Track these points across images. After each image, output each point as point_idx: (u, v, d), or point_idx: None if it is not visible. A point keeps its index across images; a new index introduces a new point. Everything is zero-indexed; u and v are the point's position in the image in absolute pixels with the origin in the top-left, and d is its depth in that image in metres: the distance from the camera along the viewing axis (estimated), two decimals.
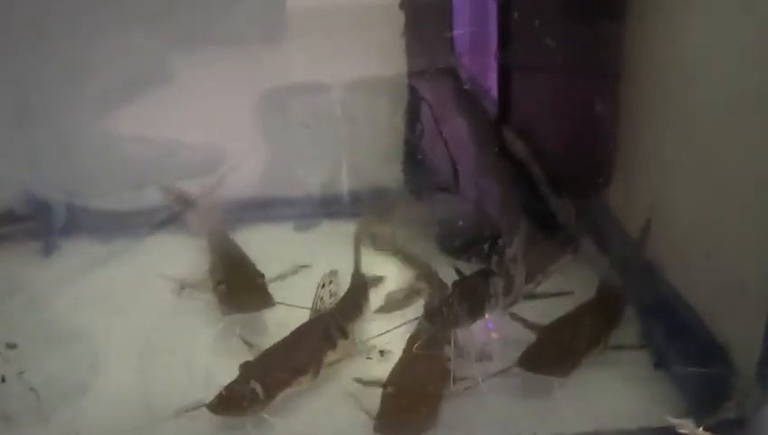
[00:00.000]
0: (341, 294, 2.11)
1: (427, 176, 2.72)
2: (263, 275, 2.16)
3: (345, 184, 2.79)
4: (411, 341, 1.88)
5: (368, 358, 1.93)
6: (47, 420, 1.76)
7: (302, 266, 2.35)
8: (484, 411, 1.75)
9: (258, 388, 1.65)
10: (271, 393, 1.67)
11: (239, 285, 2.09)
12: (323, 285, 2.00)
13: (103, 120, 2.64)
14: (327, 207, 2.77)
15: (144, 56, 2.59)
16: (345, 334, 1.91)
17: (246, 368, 1.72)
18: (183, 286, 2.23)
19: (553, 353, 1.80)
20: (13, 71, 2.54)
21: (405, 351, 1.86)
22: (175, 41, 2.51)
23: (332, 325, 1.91)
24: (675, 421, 1.58)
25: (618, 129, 2.30)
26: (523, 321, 1.96)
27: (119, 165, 2.68)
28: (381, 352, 1.93)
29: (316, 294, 1.99)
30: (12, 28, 2.45)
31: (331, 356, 1.85)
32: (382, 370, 1.81)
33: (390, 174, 2.79)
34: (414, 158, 2.73)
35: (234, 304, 2.00)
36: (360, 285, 2.19)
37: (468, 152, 2.79)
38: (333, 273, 2.09)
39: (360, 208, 2.72)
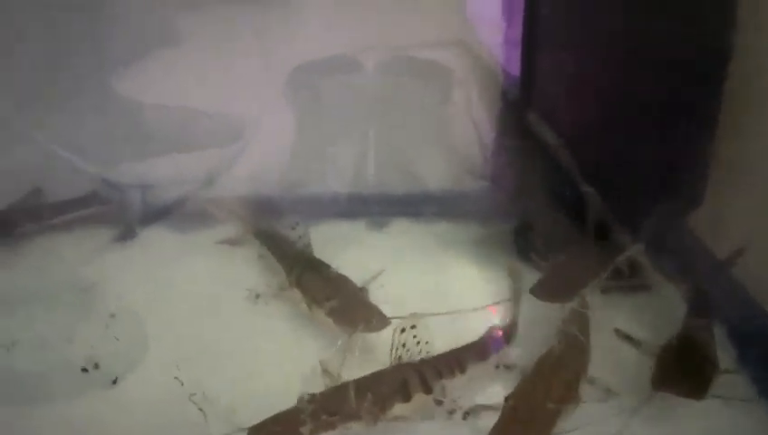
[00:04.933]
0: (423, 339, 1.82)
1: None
2: (365, 289, 2.04)
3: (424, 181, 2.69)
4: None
5: (450, 413, 1.71)
6: None
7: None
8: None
9: (305, 428, 1.56)
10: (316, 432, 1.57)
11: (352, 301, 1.96)
12: (403, 330, 1.75)
13: (122, 87, 2.56)
14: (400, 206, 2.66)
15: (165, 20, 2.52)
16: (428, 390, 1.70)
17: (301, 402, 1.61)
18: (258, 295, 2.17)
19: (689, 375, 1.71)
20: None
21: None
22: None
23: (415, 376, 1.70)
24: None
25: (710, 133, 2.09)
26: (629, 338, 1.90)
27: (137, 133, 2.62)
28: (466, 415, 1.71)
29: (394, 340, 1.75)
30: None
31: (399, 409, 1.66)
32: None
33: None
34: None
35: (352, 323, 1.85)
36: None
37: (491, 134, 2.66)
38: (415, 316, 1.80)
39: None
